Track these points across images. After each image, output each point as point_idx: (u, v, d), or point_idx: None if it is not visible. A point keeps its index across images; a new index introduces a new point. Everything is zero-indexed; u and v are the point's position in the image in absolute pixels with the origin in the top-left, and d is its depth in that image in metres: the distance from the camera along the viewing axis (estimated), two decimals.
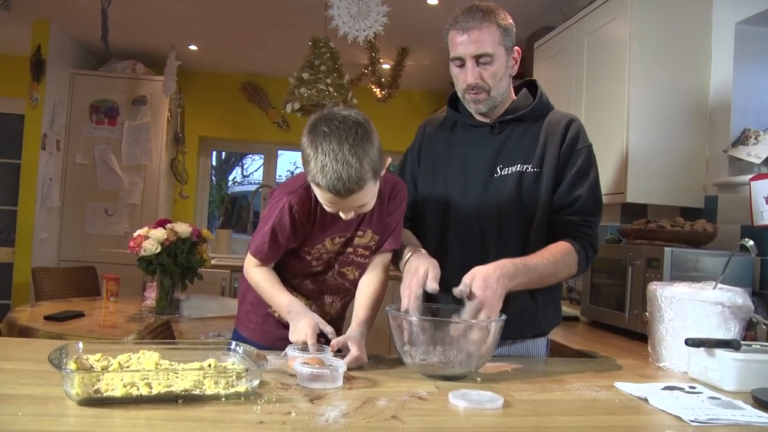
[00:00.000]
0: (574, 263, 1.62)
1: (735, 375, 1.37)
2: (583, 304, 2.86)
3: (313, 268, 1.61)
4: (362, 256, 1.61)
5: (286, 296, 1.53)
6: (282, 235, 1.51)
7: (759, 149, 2.45)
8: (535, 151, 1.67)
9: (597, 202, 1.68)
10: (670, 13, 2.77)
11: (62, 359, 1.09)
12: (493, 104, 1.68)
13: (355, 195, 1.37)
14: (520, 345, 1.72)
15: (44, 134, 4.71)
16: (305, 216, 1.51)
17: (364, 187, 1.37)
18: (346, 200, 1.37)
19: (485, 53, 1.61)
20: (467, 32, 1.61)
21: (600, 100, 2.98)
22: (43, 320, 2.69)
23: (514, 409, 1.15)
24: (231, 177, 7.16)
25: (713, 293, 1.55)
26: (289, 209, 1.49)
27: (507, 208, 1.66)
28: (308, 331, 1.42)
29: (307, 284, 1.63)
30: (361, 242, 1.59)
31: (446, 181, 1.73)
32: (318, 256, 1.58)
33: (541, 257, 1.56)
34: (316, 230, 1.54)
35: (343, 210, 1.42)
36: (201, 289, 3.34)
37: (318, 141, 1.34)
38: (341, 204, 1.39)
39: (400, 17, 3.51)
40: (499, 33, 1.62)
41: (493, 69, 1.63)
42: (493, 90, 1.65)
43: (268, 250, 1.54)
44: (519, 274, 1.48)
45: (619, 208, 3.29)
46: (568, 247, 1.61)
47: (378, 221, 1.58)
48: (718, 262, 2.31)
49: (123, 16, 4.27)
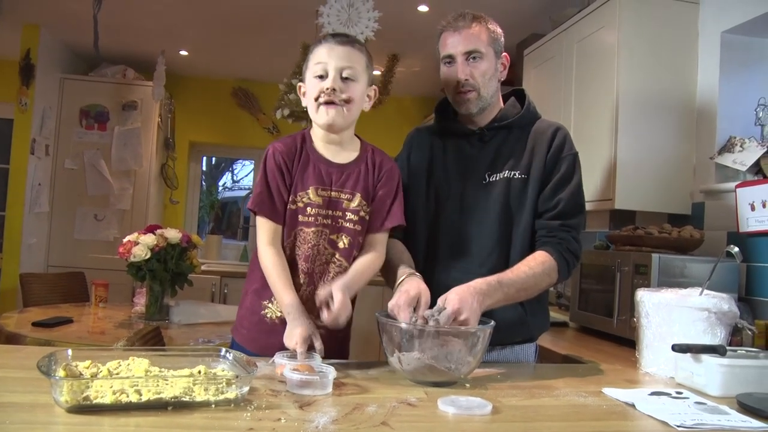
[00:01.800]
0: (553, 272, 1.62)
1: (721, 380, 1.38)
2: (572, 310, 2.88)
3: (304, 231, 1.57)
4: (352, 221, 1.58)
5: (290, 295, 1.50)
6: (272, 177, 1.56)
7: (744, 157, 2.48)
8: (523, 158, 1.69)
9: (578, 207, 1.69)
10: (658, 22, 2.80)
11: (51, 366, 1.09)
12: (482, 105, 1.70)
13: (350, 48, 1.54)
14: (509, 351, 1.73)
15: (33, 139, 4.69)
16: (289, 158, 1.58)
17: (360, 52, 1.56)
18: (340, 49, 1.53)
19: (476, 50, 1.65)
20: (458, 31, 1.66)
21: (589, 107, 3.01)
22: (31, 326, 2.67)
23: (503, 415, 1.15)
24: (221, 182, 7.16)
25: (699, 299, 1.57)
26: (273, 153, 1.59)
27: (495, 214, 1.67)
28: (299, 339, 1.41)
29: (300, 265, 1.58)
30: (350, 206, 1.58)
31: (436, 188, 1.74)
32: (304, 208, 1.56)
33: (518, 272, 1.57)
34: (299, 174, 1.58)
35: (330, 64, 1.53)
36: (191, 295, 3.33)
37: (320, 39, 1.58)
38: (333, 56, 1.53)
39: (391, 24, 3.53)
40: (489, 35, 1.68)
41: (483, 67, 1.66)
42: (482, 89, 1.68)
43: (265, 198, 1.56)
44: (493, 291, 1.49)
45: (608, 215, 3.32)
46: (545, 257, 1.61)
47: (364, 186, 1.60)
48: (704, 268, 2.33)
49: (114, 21, 4.27)
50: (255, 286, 1.63)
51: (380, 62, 4.81)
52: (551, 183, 1.68)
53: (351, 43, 1.56)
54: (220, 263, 5.44)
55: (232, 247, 5.92)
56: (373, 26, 3.17)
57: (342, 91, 1.53)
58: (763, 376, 1.39)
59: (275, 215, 1.56)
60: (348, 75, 1.54)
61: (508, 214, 1.68)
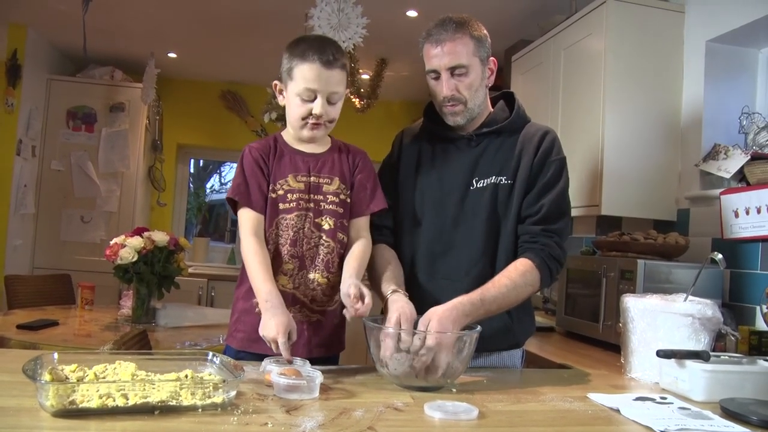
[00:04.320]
0: (535, 281, 1.61)
1: (704, 385, 1.40)
2: (558, 315, 2.90)
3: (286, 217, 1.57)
4: (334, 203, 1.61)
5: (268, 284, 1.48)
6: (249, 170, 1.60)
7: (728, 164, 2.51)
8: (510, 164, 1.68)
9: (561, 212, 1.67)
10: (644, 30, 2.83)
11: (37, 370, 1.08)
12: (470, 116, 1.69)
13: (337, 71, 1.54)
14: (497, 356, 1.73)
15: (19, 140, 4.65)
16: (265, 153, 1.62)
17: (343, 70, 1.56)
18: (329, 73, 1.52)
19: (460, 65, 1.62)
20: (441, 44, 1.62)
21: (575, 114, 3.03)
22: (16, 329, 2.65)
23: (489, 420, 1.16)
24: (209, 185, 7.12)
25: (684, 305, 1.59)
26: (249, 151, 1.63)
27: (482, 222, 1.66)
28: (281, 329, 1.38)
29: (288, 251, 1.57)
30: (330, 189, 1.62)
31: (423, 192, 1.73)
32: (285, 195, 1.58)
33: (499, 285, 1.55)
34: (276, 166, 1.61)
35: (321, 92, 1.53)
36: (178, 298, 3.31)
37: (301, 40, 1.58)
38: (323, 81, 1.52)
39: (380, 29, 3.53)
40: (473, 44, 1.63)
41: (469, 80, 1.64)
42: (469, 101, 1.66)
43: (244, 188, 1.58)
44: (476, 309, 1.49)
45: (594, 221, 3.34)
46: (527, 266, 1.60)
47: (340, 170, 1.64)
48: (689, 274, 2.36)
49: (102, 23, 4.25)
50: (246, 287, 1.61)
51: (369, 66, 4.83)
52: (536, 188, 1.67)
53: (336, 64, 1.55)
54: (208, 266, 5.42)
55: (219, 250, 5.89)
56: (361, 32, 3.18)
57: (328, 114, 1.58)
58: (746, 382, 1.41)
59: (255, 204, 1.58)
60: (335, 99, 1.58)
61: (495, 221, 1.67)
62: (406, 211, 1.74)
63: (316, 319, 1.59)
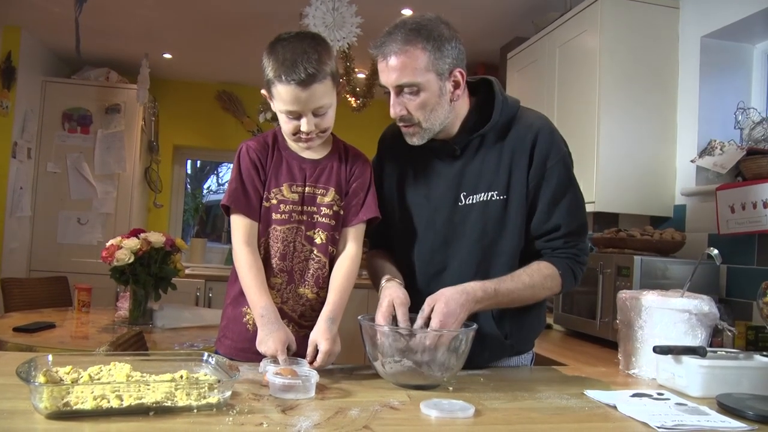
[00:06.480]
0: (555, 287, 1.53)
1: (701, 381, 1.40)
2: (556, 313, 2.90)
3: (278, 228, 1.53)
4: (327, 216, 1.55)
5: (264, 297, 1.45)
6: (246, 174, 1.54)
7: (724, 160, 2.51)
8: (500, 176, 1.52)
9: (579, 219, 1.57)
10: (639, 26, 2.84)
11: (31, 372, 1.08)
12: (428, 136, 1.50)
13: (316, 86, 1.40)
14: (506, 361, 1.67)
15: (15, 142, 4.64)
16: (263, 155, 1.56)
17: (324, 80, 1.41)
18: (307, 93, 1.40)
19: (408, 83, 1.42)
20: (386, 58, 1.42)
21: (571, 111, 3.03)
22: (12, 332, 2.64)
23: (486, 418, 1.16)
24: (206, 186, 7.11)
25: (680, 301, 1.59)
26: (247, 150, 1.57)
27: (472, 241, 1.54)
28: (280, 346, 1.38)
29: (277, 264, 1.54)
30: (324, 200, 1.55)
31: (410, 208, 1.61)
32: (278, 205, 1.53)
33: (518, 281, 1.47)
34: (272, 171, 1.55)
35: (303, 111, 1.44)
36: (175, 299, 3.31)
37: (277, 46, 1.45)
38: (302, 102, 1.42)
39: (375, 28, 3.52)
40: (427, 56, 1.40)
41: (420, 100, 1.43)
42: (424, 122, 1.47)
43: (240, 194, 1.52)
44: (487, 299, 1.43)
45: (591, 217, 3.34)
46: (552, 271, 1.51)
47: (337, 180, 1.56)
48: (686, 269, 2.36)
49: (97, 24, 4.24)
50: (235, 292, 1.58)
51: (364, 65, 4.81)
52: (542, 203, 1.52)
53: (314, 80, 1.40)
54: (205, 267, 5.41)
55: (216, 251, 5.88)
56: (355, 32, 3.18)
57: (318, 126, 1.48)
58: (743, 377, 1.41)
59: (251, 211, 1.53)
60: (321, 111, 1.47)
61: (487, 241, 1.53)
62: (396, 227, 1.64)
63: (304, 333, 1.51)
